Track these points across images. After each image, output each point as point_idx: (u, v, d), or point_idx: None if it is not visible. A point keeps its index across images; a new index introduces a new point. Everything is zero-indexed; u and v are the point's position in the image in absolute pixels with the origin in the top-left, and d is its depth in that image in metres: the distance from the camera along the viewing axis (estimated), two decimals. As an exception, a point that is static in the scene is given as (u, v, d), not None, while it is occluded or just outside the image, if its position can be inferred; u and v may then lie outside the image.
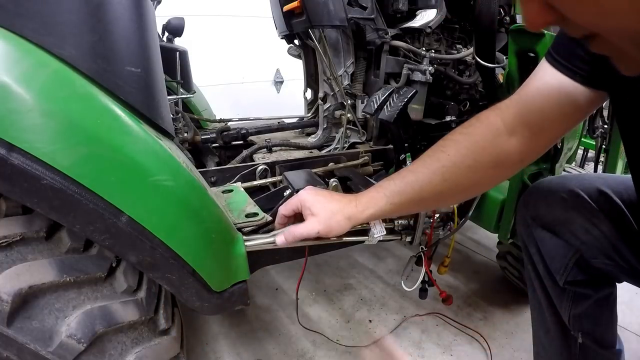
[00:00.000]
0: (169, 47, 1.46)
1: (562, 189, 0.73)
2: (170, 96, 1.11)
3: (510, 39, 0.84)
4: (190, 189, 0.62)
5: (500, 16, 0.98)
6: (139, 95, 0.57)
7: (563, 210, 0.72)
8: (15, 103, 0.46)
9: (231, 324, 1.29)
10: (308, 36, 1.15)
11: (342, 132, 1.25)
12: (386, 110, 1.00)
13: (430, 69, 1.11)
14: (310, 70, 1.38)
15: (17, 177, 0.46)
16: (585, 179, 0.74)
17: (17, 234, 0.55)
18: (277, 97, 3.20)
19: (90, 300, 0.59)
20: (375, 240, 0.84)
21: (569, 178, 0.77)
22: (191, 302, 0.66)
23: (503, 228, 1.02)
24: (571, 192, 0.72)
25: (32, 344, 0.51)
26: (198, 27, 2.28)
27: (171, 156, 0.58)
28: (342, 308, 1.38)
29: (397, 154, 1.18)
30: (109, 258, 0.63)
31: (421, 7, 1.15)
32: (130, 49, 0.57)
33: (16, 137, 0.46)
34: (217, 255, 0.68)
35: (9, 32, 0.47)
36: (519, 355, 1.18)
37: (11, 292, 0.50)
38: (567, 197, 0.72)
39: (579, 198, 0.71)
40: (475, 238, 1.86)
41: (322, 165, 1.08)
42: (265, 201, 0.86)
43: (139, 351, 0.63)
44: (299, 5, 1.00)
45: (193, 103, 1.55)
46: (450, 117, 1.22)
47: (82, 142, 0.50)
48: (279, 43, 1.43)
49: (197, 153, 1.24)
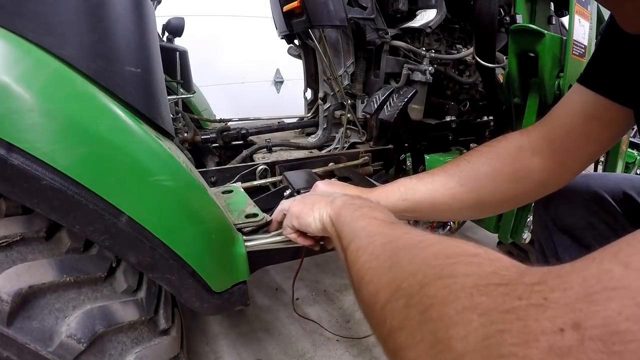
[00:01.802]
0: (169, 47, 1.46)
1: (585, 191, 0.70)
2: (170, 96, 1.11)
3: (510, 39, 0.84)
4: (190, 189, 0.62)
5: (500, 16, 0.98)
6: (139, 95, 0.57)
7: (586, 214, 0.69)
8: (15, 103, 0.46)
9: (231, 324, 1.29)
10: (308, 36, 1.15)
11: (342, 132, 1.25)
12: (386, 110, 1.00)
13: (430, 69, 1.11)
14: (310, 70, 1.38)
15: (17, 177, 0.46)
16: (610, 180, 0.70)
17: (17, 234, 0.55)
18: (277, 97, 3.19)
19: (90, 300, 0.59)
20: (375, 240, 0.84)
21: (594, 178, 0.73)
22: (191, 303, 0.66)
23: (503, 228, 1.02)
24: (595, 194, 0.68)
25: (32, 344, 0.51)
26: (198, 27, 2.28)
27: (171, 156, 0.58)
28: (342, 308, 1.38)
29: (397, 154, 1.19)
30: (109, 258, 0.63)
31: (421, 7, 1.14)
32: (130, 49, 0.57)
33: (16, 137, 0.46)
34: (217, 255, 0.68)
35: (9, 32, 0.47)
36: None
37: (11, 292, 0.50)
38: (591, 200, 0.68)
39: (602, 201, 0.67)
40: (475, 238, 1.86)
41: (322, 165, 1.08)
42: (265, 201, 0.86)
43: (139, 351, 0.63)
44: (299, 5, 1.00)
45: (193, 103, 1.55)
46: (450, 117, 1.22)
47: (82, 142, 0.50)
48: (279, 43, 1.43)
49: (197, 153, 1.24)
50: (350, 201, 0.49)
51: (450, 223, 0.95)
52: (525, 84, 0.88)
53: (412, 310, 0.26)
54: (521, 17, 0.89)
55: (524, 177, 0.61)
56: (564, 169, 0.62)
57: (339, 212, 0.48)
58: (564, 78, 0.78)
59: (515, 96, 0.91)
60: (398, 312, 0.28)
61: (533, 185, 0.63)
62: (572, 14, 0.77)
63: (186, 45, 1.54)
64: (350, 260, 0.39)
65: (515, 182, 0.62)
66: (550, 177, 0.62)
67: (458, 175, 0.61)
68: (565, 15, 1.02)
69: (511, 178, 0.61)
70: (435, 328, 0.24)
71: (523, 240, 1.02)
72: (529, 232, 1.00)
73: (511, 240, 1.03)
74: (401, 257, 0.32)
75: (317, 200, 0.55)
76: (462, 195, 0.61)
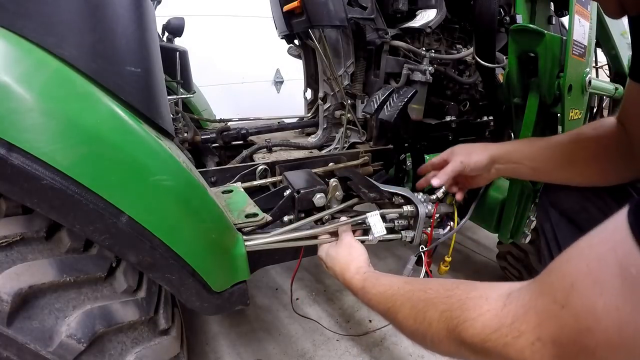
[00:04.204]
0: (169, 47, 1.46)
1: None
2: (170, 96, 1.11)
3: (510, 39, 0.84)
4: (190, 189, 0.62)
5: (500, 16, 0.98)
6: (139, 95, 0.57)
7: (580, 199, 0.75)
8: (15, 103, 0.46)
9: (231, 324, 1.29)
10: (308, 36, 1.15)
11: (342, 132, 1.25)
12: (386, 110, 1.00)
13: (430, 69, 1.11)
14: (310, 70, 1.38)
15: (17, 177, 0.46)
16: None
17: (17, 234, 0.55)
18: (277, 97, 3.19)
19: (90, 300, 0.59)
20: (376, 240, 0.84)
21: None
22: (191, 302, 0.66)
23: (503, 228, 1.02)
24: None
25: (32, 344, 0.51)
26: (198, 27, 2.27)
27: (171, 156, 0.58)
28: (342, 308, 1.38)
29: (397, 154, 1.19)
30: (109, 258, 0.63)
31: (421, 7, 1.14)
32: (130, 49, 0.57)
33: (16, 137, 0.46)
34: (217, 255, 0.68)
35: (9, 32, 0.47)
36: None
37: (11, 292, 0.50)
38: (585, 186, 0.74)
39: (595, 188, 0.73)
40: (475, 238, 1.86)
41: (322, 165, 1.08)
42: (265, 201, 0.86)
43: (139, 351, 0.63)
44: (299, 5, 1.00)
45: (193, 103, 1.55)
46: (450, 117, 1.22)
47: (82, 142, 0.50)
48: (279, 43, 1.43)
49: (197, 153, 1.24)
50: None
51: (450, 223, 0.95)
52: (525, 84, 0.88)
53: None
54: (521, 17, 0.88)
55: (604, 146, 0.71)
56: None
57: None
58: (564, 78, 0.78)
59: (515, 96, 0.91)
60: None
61: (612, 157, 0.70)
62: (572, 14, 0.77)
63: (186, 45, 1.54)
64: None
65: (596, 144, 0.73)
66: (627, 152, 0.69)
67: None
68: (565, 15, 1.02)
69: (594, 140, 0.73)
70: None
71: (523, 240, 1.02)
72: (529, 232, 1.00)
73: (511, 240, 1.03)
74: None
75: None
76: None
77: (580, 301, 0.31)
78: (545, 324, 0.34)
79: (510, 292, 0.40)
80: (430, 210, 0.88)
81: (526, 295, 0.37)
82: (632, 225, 0.29)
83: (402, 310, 0.53)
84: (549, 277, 0.36)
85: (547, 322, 0.34)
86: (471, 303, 0.42)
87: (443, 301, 0.46)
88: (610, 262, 0.30)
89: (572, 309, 0.32)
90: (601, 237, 0.33)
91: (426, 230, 0.89)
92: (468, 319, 0.41)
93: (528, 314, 0.36)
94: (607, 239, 0.32)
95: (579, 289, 0.32)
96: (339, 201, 0.90)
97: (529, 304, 0.36)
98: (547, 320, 0.34)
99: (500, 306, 0.39)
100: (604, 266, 0.30)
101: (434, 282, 0.53)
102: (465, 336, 0.41)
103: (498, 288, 0.42)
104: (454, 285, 0.48)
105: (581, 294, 0.31)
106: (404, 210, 0.87)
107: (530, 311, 0.36)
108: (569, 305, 0.32)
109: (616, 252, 0.30)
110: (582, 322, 0.31)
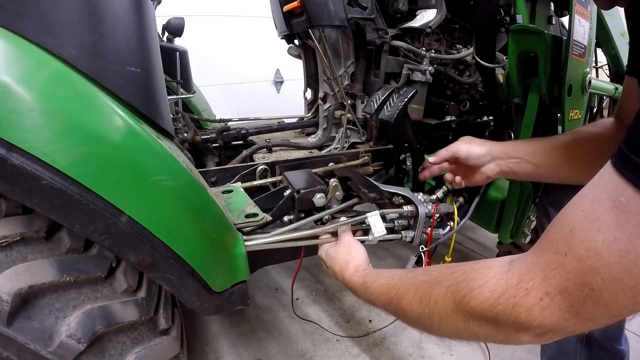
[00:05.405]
0: (169, 47, 1.45)
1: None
2: (170, 96, 1.11)
3: (510, 39, 0.84)
4: (190, 189, 0.62)
5: (500, 16, 0.98)
6: (139, 95, 0.57)
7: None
8: (15, 103, 0.46)
9: (231, 324, 1.29)
10: (308, 36, 1.14)
11: (342, 132, 1.25)
12: (386, 110, 0.99)
13: (430, 69, 1.11)
14: (310, 70, 1.37)
15: (17, 177, 0.46)
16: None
17: (17, 234, 0.55)
18: (277, 97, 3.19)
19: (90, 300, 0.59)
20: (376, 240, 0.84)
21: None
22: (191, 302, 0.66)
23: (503, 228, 1.02)
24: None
25: (32, 344, 0.51)
26: (198, 27, 2.27)
27: (171, 156, 0.58)
28: (342, 308, 1.38)
29: (397, 154, 1.18)
30: (109, 258, 0.63)
31: (421, 7, 1.14)
32: (130, 49, 0.57)
33: (16, 137, 0.46)
34: (217, 255, 0.68)
35: (9, 32, 0.47)
36: (519, 355, 1.18)
37: (11, 292, 0.50)
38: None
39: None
40: (475, 238, 1.86)
41: (322, 165, 1.08)
42: (265, 201, 0.86)
43: (139, 351, 0.63)
44: (299, 5, 1.00)
45: (193, 103, 1.55)
46: (450, 117, 1.22)
47: (82, 142, 0.50)
48: (279, 43, 1.43)
49: (197, 153, 1.24)
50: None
51: (450, 223, 0.95)
52: (525, 84, 0.88)
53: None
54: (521, 17, 0.88)
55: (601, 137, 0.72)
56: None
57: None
58: (564, 78, 0.78)
59: (515, 96, 0.91)
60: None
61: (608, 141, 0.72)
62: (572, 14, 0.77)
63: (186, 45, 1.54)
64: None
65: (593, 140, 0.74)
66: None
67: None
68: (565, 15, 1.02)
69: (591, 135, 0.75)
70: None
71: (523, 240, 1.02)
72: (529, 232, 1.01)
73: (511, 240, 1.03)
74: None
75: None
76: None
77: (582, 243, 0.33)
78: (550, 276, 0.35)
79: (513, 259, 0.41)
80: (430, 210, 0.88)
81: (528, 257, 0.39)
82: (615, 165, 0.33)
83: (407, 295, 0.53)
84: (548, 234, 0.38)
85: (553, 274, 0.35)
86: (476, 273, 0.43)
87: (447, 277, 0.47)
88: (602, 199, 0.33)
89: (575, 252, 0.33)
90: (590, 186, 0.36)
91: (426, 230, 0.89)
92: (475, 288, 0.42)
93: (533, 271, 0.37)
94: (596, 185, 0.35)
95: (578, 232, 0.34)
96: (339, 201, 0.90)
97: (532, 262, 0.38)
98: (552, 272, 0.35)
99: (504, 271, 0.40)
100: (597, 205, 0.33)
101: (436, 267, 0.54)
102: (473, 305, 0.41)
103: (501, 259, 0.43)
104: (456, 265, 0.49)
105: (581, 236, 0.33)
106: (404, 210, 0.87)
107: (534, 268, 0.37)
108: (572, 251, 0.34)
109: (606, 190, 0.33)
110: (586, 262, 0.32)
